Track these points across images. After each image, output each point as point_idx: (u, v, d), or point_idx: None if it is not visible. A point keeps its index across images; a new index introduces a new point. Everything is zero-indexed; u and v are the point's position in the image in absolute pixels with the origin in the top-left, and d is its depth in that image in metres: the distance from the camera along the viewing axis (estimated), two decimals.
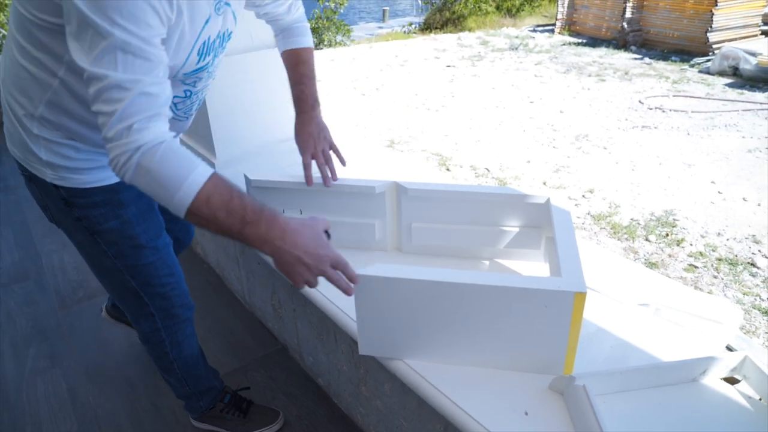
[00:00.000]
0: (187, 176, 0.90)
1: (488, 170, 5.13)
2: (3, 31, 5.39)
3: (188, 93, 1.18)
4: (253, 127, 1.92)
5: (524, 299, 1.05)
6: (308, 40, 1.51)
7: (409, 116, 6.72)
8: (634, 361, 1.19)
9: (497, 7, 16.36)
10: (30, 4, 0.99)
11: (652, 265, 3.74)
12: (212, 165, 1.90)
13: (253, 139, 1.92)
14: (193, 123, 2.00)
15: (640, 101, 7.05)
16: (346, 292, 1.04)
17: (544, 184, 4.83)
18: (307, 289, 1.36)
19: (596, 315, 1.32)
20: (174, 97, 1.12)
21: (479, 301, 1.07)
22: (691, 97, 7.17)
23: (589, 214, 4.35)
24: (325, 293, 1.47)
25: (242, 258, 2.08)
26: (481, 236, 1.48)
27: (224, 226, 0.93)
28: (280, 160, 1.94)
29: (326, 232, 1.03)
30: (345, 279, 1.03)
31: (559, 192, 1.42)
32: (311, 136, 1.46)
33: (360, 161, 2.31)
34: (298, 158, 1.48)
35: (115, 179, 1.20)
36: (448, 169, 5.14)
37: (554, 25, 12.33)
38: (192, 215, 0.92)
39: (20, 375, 1.92)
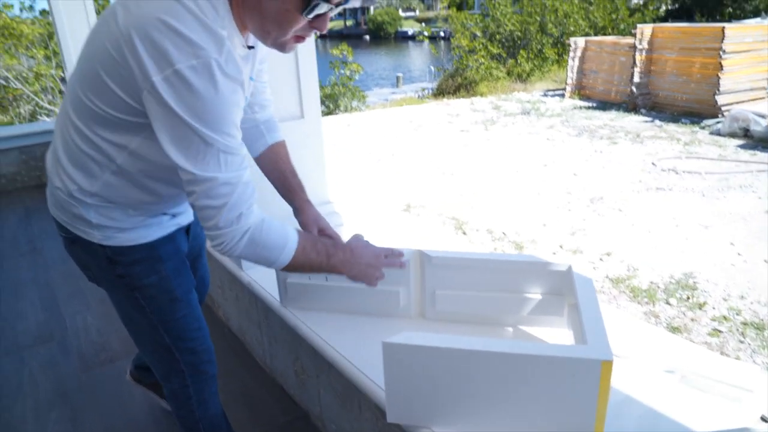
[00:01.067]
0: (286, 240, 1.16)
1: (505, 234, 5.16)
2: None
3: None
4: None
5: (551, 367, 1.07)
6: (281, 134, 1.57)
7: (424, 180, 6.84)
8: None
9: (508, 73, 16.88)
10: (95, 95, 1.05)
11: (675, 330, 3.69)
12: None
13: (282, 204, 2.00)
14: None
15: (653, 163, 7.13)
16: (401, 265, 1.42)
17: (561, 247, 4.84)
18: (331, 355, 1.54)
19: (622, 382, 1.32)
20: None
21: (507, 369, 1.09)
22: (703, 158, 7.24)
23: (607, 277, 4.34)
24: (350, 359, 1.49)
25: (265, 322, 2.11)
26: (504, 303, 1.51)
27: (315, 264, 1.24)
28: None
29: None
30: (396, 260, 1.40)
31: (576, 255, 1.46)
32: (316, 218, 1.52)
33: (378, 225, 2.37)
34: (332, 222, 1.53)
35: (155, 236, 1.28)
36: (464, 233, 5.18)
37: (564, 89, 12.65)
38: (291, 265, 1.19)
39: None
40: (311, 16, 1.03)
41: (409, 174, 7.15)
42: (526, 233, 5.16)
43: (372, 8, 59.13)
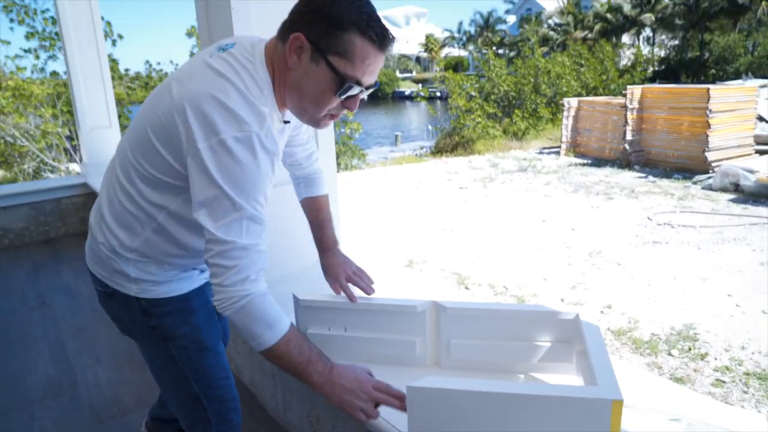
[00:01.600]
0: (277, 322, 1.17)
1: (506, 288, 5.23)
2: None
3: None
4: (297, 250, 2.09)
5: (565, 407, 1.13)
6: (326, 188, 1.71)
7: (425, 236, 6.95)
8: None
9: (504, 131, 17.34)
10: (143, 157, 1.17)
11: (678, 380, 3.71)
12: None
13: (297, 261, 2.08)
14: None
15: (648, 218, 7.27)
16: (400, 407, 1.22)
17: (562, 300, 4.90)
18: None
19: (628, 430, 1.36)
20: None
21: (523, 410, 1.15)
22: (697, 212, 7.39)
23: (609, 329, 4.38)
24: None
25: (279, 374, 2.15)
26: (516, 351, 1.57)
27: (294, 363, 1.20)
28: (321, 282, 2.10)
29: (369, 373, 1.26)
30: (393, 398, 1.23)
31: (577, 308, 1.53)
32: (340, 265, 1.65)
33: (382, 280, 2.45)
34: None
35: (187, 289, 1.37)
36: (467, 288, 5.25)
37: (559, 147, 12.99)
38: (271, 351, 1.17)
39: None
40: (344, 96, 1.14)
41: (410, 230, 7.27)
42: (527, 287, 5.23)
43: None
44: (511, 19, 52.21)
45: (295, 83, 1.15)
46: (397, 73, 59.61)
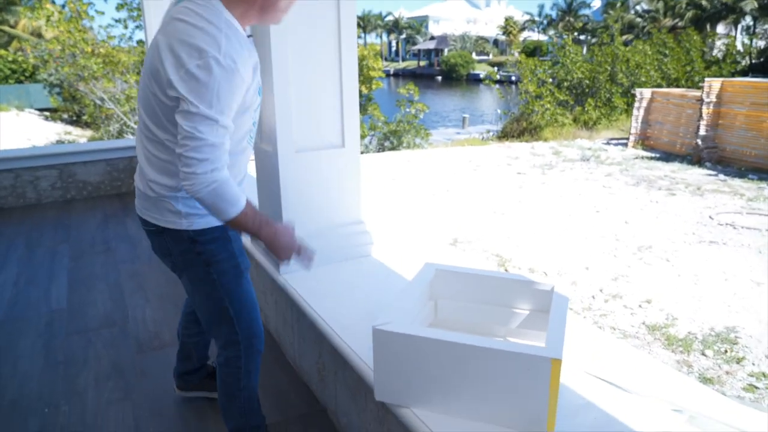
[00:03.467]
0: (238, 201, 1.43)
1: (545, 274, 5.25)
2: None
3: (254, 124, 1.66)
4: (318, 211, 2.28)
5: (510, 361, 1.26)
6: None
7: (475, 218, 7.02)
8: None
9: (574, 120, 16.86)
10: (151, 108, 1.45)
11: (706, 381, 3.67)
12: None
13: (317, 221, 2.27)
14: (266, 205, 2.39)
15: (710, 216, 7.01)
16: (308, 262, 1.64)
17: (601, 291, 4.89)
18: (346, 352, 1.81)
19: (628, 417, 1.40)
20: (250, 131, 1.63)
21: (475, 360, 1.29)
22: (766, 215, 7.04)
23: (644, 323, 4.35)
24: (361, 356, 1.72)
25: (297, 325, 2.37)
26: (497, 315, 1.70)
27: (249, 228, 1.49)
28: (344, 240, 2.30)
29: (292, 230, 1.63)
30: (305, 260, 1.64)
31: (615, 300, 1.59)
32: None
33: (423, 256, 2.59)
34: (362, 240, 1.78)
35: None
36: (505, 270, 5.31)
37: (628, 139, 12.55)
38: (234, 221, 1.45)
39: (98, 403, 2.25)
40: None
41: (460, 210, 7.35)
42: (567, 275, 5.23)
43: (446, 50, 60.30)
44: (597, 3, 50.04)
45: None
46: (474, 55, 58.62)
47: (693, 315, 4.48)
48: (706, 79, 10.34)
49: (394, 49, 71.58)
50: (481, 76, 51.14)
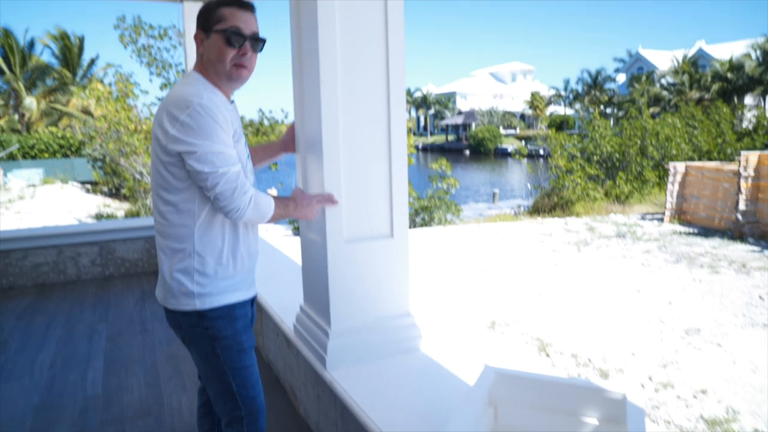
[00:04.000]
0: (270, 201, 1.71)
1: (590, 360, 5.02)
2: None
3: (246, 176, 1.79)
4: (367, 304, 2.21)
5: None
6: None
7: (511, 298, 6.85)
8: None
9: (606, 194, 16.73)
10: (160, 176, 1.62)
11: None
12: (326, 334, 2.18)
13: (365, 314, 2.21)
14: (313, 295, 2.34)
15: (760, 297, 6.70)
16: (333, 202, 2.07)
17: (650, 379, 4.63)
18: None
19: None
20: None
21: None
22: None
23: (702, 417, 4.07)
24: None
25: (342, 423, 2.25)
26: (562, 424, 1.58)
27: (283, 213, 1.80)
28: (392, 334, 2.21)
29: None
30: (326, 200, 2.04)
31: (666, 390, 1.51)
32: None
33: (460, 342, 2.50)
34: (411, 334, 1.71)
35: (234, 300, 1.74)
36: (547, 355, 5.10)
37: (663, 213, 12.34)
38: (272, 217, 1.73)
39: None
40: (235, 45, 1.64)
41: (496, 290, 7.19)
42: (613, 361, 4.99)
43: (474, 125, 61.50)
44: (621, 77, 50.88)
45: (207, 61, 1.67)
46: (501, 130, 59.57)
47: (756, 408, 4.18)
48: (742, 152, 10.22)
49: (422, 124, 73.31)
50: (509, 150, 51.83)
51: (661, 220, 12.25)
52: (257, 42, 1.70)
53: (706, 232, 10.75)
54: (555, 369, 4.78)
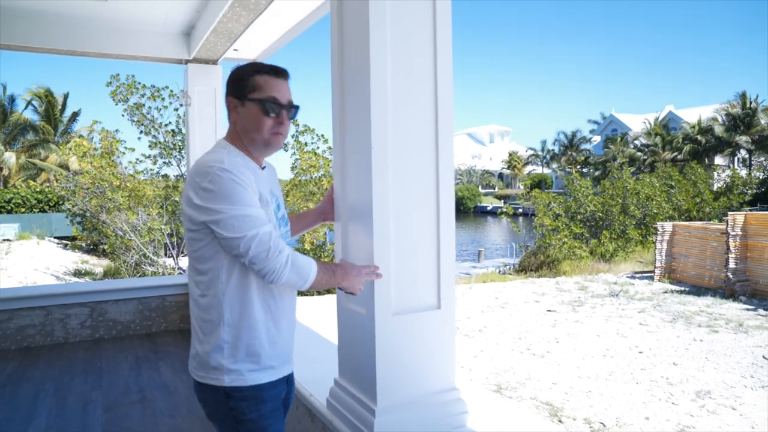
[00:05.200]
0: (311, 263, 1.59)
1: (604, 425, 4.84)
2: None
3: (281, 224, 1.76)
4: (413, 379, 2.06)
5: None
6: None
7: (514, 360, 6.67)
8: None
9: (591, 252, 16.84)
10: (190, 244, 1.57)
11: None
12: (372, 412, 2.01)
13: (411, 389, 2.05)
14: (352, 368, 2.18)
15: (764, 356, 6.64)
16: (377, 276, 1.88)
17: None
18: None
19: None
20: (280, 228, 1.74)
21: None
22: None
23: None
24: None
25: None
26: None
27: (328, 280, 1.65)
28: (440, 410, 2.05)
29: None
30: (373, 273, 1.85)
31: None
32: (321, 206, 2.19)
33: (473, 407, 2.34)
34: (458, 409, 1.56)
35: (265, 380, 1.62)
36: (560, 421, 4.90)
37: (653, 272, 12.40)
38: (316, 282, 1.60)
39: None
40: (272, 114, 1.60)
41: (497, 352, 7.01)
42: (628, 426, 4.81)
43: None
44: (596, 139, 52.47)
45: (241, 128, 1.63)
46: (480, 189, 60.50)
47: None
48: (729, 213, 10.42)
49: None
50: (489, 208, 52.45)
51: (651, 278, 12.30)
52: (291, 109, 1.67)
53: (697, 290, 10.79)
54: None
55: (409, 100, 2.02)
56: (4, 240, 21.14)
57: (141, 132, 12.91)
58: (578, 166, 47.05)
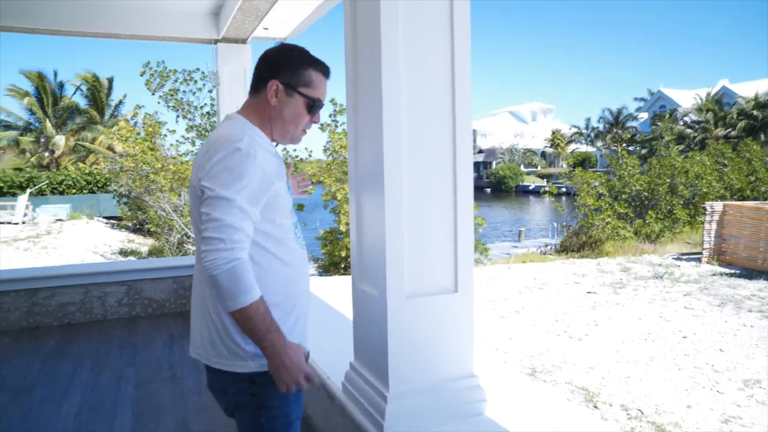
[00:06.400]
0: (252, 288, 1.38)
1: (641, 412, 4.67)
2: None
3: (295, 225, 1.65)
4: (428, 364, 1.98)
5: None
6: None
7: (550, 343, 6.52)
8: None
9: (635, 233, 16.32)
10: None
11: None
12: (383, 397, 1.95)
13: (426, 375, 1.98)
14: (367, 355, 2.12)
15: None
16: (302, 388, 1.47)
17: None
18: None
19: None
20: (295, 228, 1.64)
21: None
22: None
23: None
24: None
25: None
26: None
27: (257, 327, 1.39)
28: (455, 397, 1.98)
29: (306, 356, 1.49)
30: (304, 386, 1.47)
31: None
32: None
33: (504, 392, 2.26)
34: (475, 397, 1.49)
35: None
36: (595, 407, 4.76)
37: (700, 253, 11.92)
38: (242, 312, 1.37)
39: None
40: (313, 113, 1.58)
41: (534, 335, 6.87)
42: (667, 414, 4.64)
43: (494, 163, 61.47)
44: (643, 116, 50.62)
45: (277, 115, 1.56)
46: (522, 167, 59.39)
47: None
48: None
49: None
50: (531, 187, 51.48)
51: (699, 260, 11.83)
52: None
53: (749, 273, 10.31)
54: (606, 423, 4.45)
55: (424, 70, 1.92)
56: (56, 220, 22.02)
57: (178, 116, 13.13)
58: (624, 144, 45.57)
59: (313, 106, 1.57)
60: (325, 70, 1.60)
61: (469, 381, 2.06)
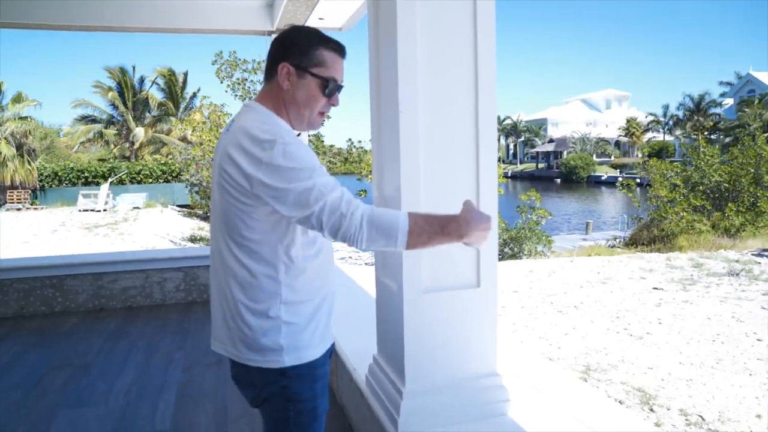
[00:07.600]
0: (397, 217, 1.37)
1: (703, 419, 4.39)
2: None
3: None
4: (447, 362, 1.93)
5: None
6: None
7: (608, 341, 6.25)
8: None
9: (713, 227, 15.39)
10: (232, 219, 1.42)
11: None
12: (400, 393, 1.92)
13: (446, 372, 1.93)
14: (386, 345, 2.09)
15: None
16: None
17: None
18: None
19: None
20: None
21: None
22: None
23: None
24: None
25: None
26: None
27: (431, 234, 1.39)
28: (475, 396, 1.92)
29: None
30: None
31: None
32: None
33: (553, 392, 2.16)
34: (497, 396, 1.43)
35: (319, 354, 1.54)
36: (651, 410, 4.52)
37: None
38: (411, 240, 1.36)
39: None
40: (329, 94, 1.51)
41: (592, 332, 6.61)
42: (732, 422, 4.33)
43: (565, 152, 59.61)
44: (728, 102, 47.46)
45: (291, 99, 1.50)
46: (594, 157, 57.25)
47: None
48: None
49: (512, 151, 72.09)
50: (603, 178, 49.57)
51: None
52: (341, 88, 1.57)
53: None
54: (661, 428, 4.22)
55: (444, 58, 1.85)
56: (134, 208, 23.33)
57: (236, 95, 13.45)
58: (705, 133, 42.94)
59: (328, 86, 1.50)
60: (338, 49, 1.53)
61: (491, 380, 1.99)
